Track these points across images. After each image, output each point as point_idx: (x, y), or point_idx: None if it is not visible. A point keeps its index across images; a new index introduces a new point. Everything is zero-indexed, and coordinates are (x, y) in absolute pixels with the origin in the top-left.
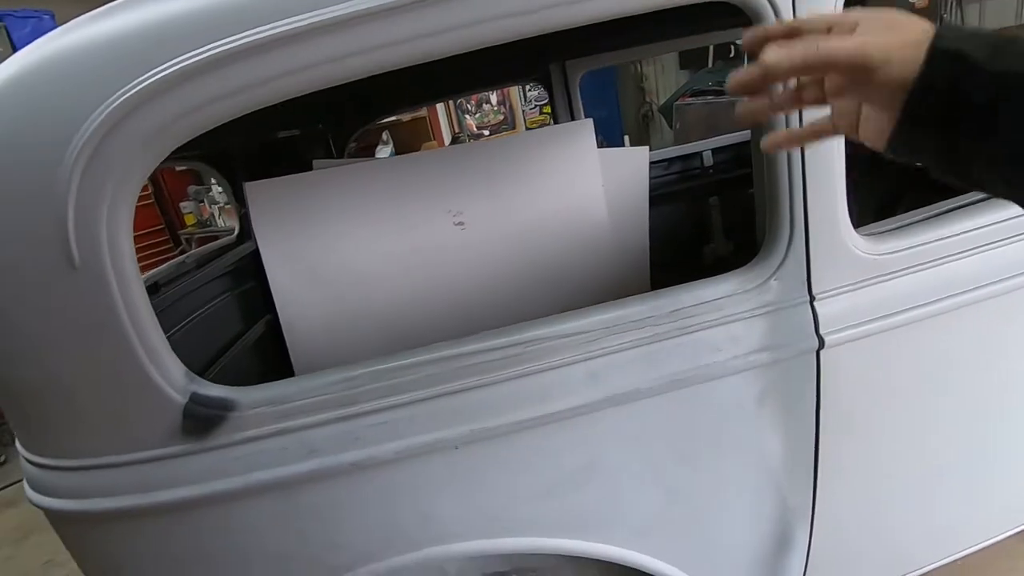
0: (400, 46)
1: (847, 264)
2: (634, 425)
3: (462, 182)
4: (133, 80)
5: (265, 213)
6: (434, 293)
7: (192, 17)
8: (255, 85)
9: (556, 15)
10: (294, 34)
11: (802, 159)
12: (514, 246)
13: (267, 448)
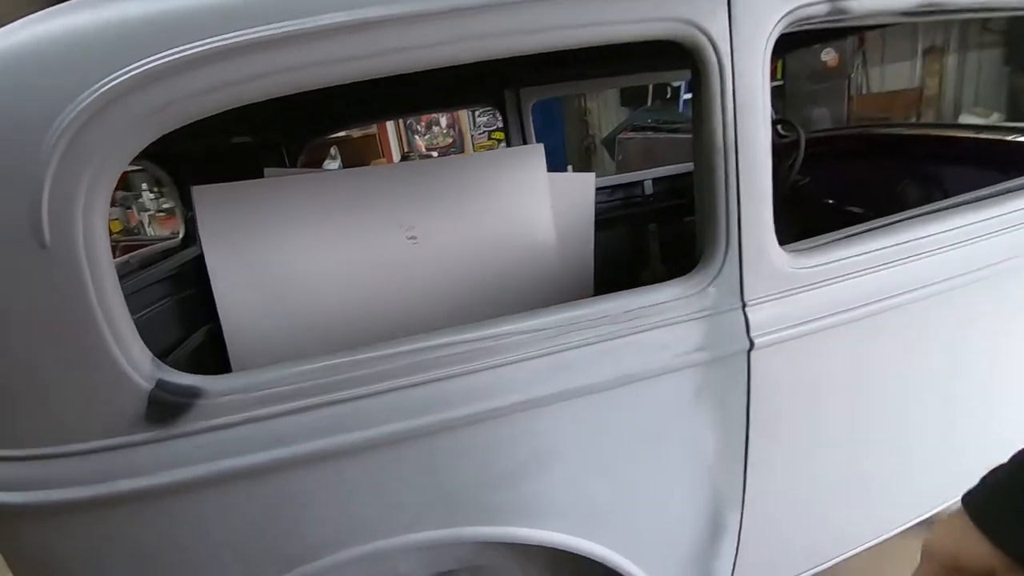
0: (374, 59)
1: (773, 276)
2: (587, 417)
3: (416, 198)
4: (121, 68)
5: (212, 218)
6: (385, 305)
7: (180, 13)
8: (237, 83)
9: (510, 43)
10: (273, 39)
11: (737, 184)
12: (466, 262)
13: (233, 436)
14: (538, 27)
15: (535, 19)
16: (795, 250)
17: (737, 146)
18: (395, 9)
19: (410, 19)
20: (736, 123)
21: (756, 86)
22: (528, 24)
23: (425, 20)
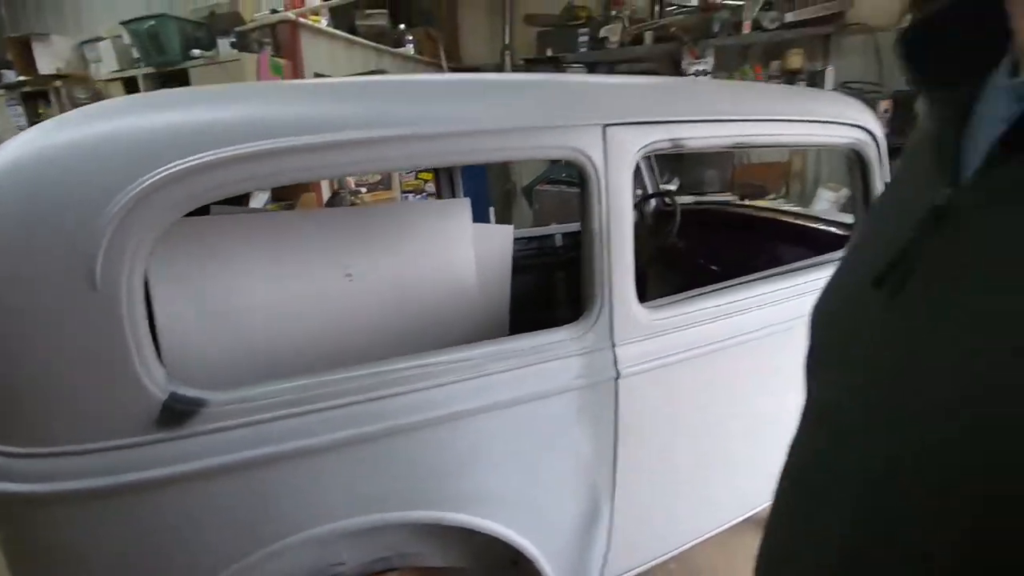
0: (340, 167)
1: (634, 324)
2: (497, 427)
3: (354, 240)
4: (156, 168)
5: (162, 253)
6: (323, 337)
7: (199, 127)
8: (238, 182)
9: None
10: (264, 152)
11: (609, 259)
12: (397, 300)
13: (227, 438)
14: (473, 149)
15: (471, 145)
16: (650, 305)
17: (609, 233)
18: (355, 135)
19: (368, 142)
20: (608, 217)
21: (623, 193)
22: (464, 148)
23: (385, 143)
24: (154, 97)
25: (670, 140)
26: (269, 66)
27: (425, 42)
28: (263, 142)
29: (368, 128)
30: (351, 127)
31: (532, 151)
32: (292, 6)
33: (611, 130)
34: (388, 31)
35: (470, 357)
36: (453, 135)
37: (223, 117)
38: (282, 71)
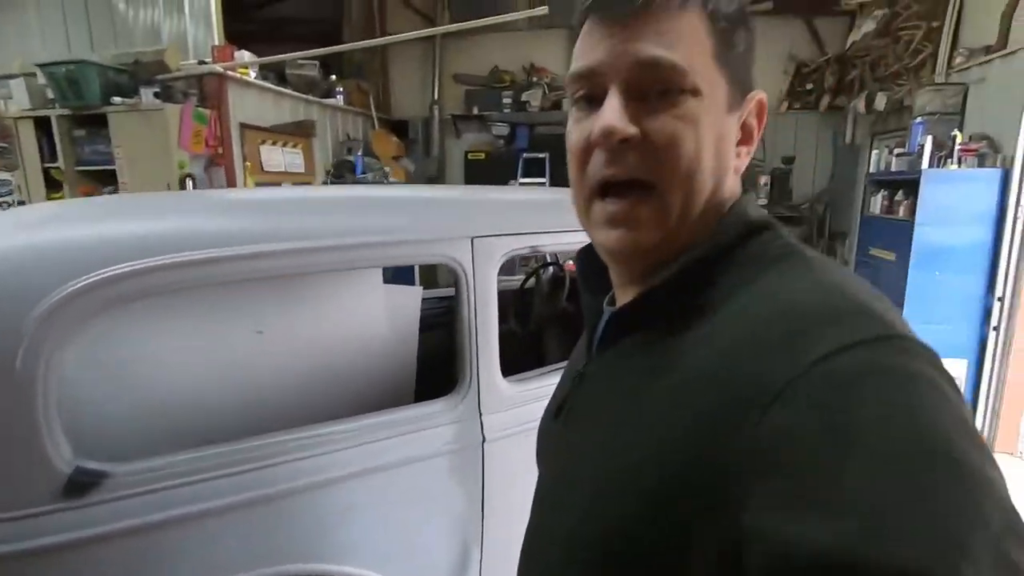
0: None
1: (498, 396)
2: (381, 486)
3: (266, 297)
4: (74, 279)
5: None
6: (231, 393)
7: (111, 242)
8: (143, 291)
9: (337, 265)
10: (164, 265)
11: (476, 345)
12: (306, 358)
13: (129, 505)
14: (361, 258)
15: (360, 254)
16: (512, 379)
17: (477, 325)
18: (251, 249)
19: (263, 255)
20: (476, 310)
21: (489, 290)
22: (353, 257)
23: (279, 256)
24: (71, 209)
25: (529, 247)
26: (193, 116)
27: (356, 93)
28: (165, 257)
29: (265, 242)
30: (247, 241)
31: (412, 258)
32: (221, 59)
33: (478, 241)
34: (319, 82)
35: (354, 428)
36: (342, 247)
37: (131, 232)
38: (206, 120)
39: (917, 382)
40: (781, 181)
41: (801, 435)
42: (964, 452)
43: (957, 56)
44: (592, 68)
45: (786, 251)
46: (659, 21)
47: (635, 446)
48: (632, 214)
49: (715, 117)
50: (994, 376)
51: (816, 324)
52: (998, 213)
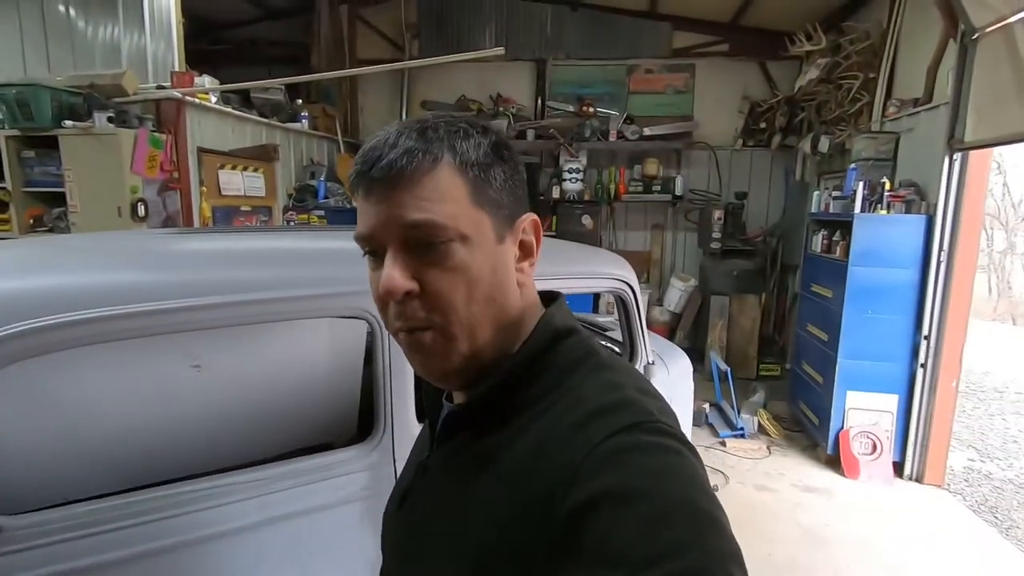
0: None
1: (410, 441)
2: (293, 532)
3: (206, 331)
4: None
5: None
6: (165, 430)
7: (20, 297)
8: (64, 342)
9: (261, 318)
10: (75, 322)
11: (391, 392)
12: (245, 392)
13: (21, 559)
14: (273, 311)
15: (271, 308)
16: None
17: (391, 372)
18: (167, 304)
19: (178, 310)
20: (391, 361)
21: None
22: (265, 311)
23: (194, 310)
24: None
25: None
26: (148, 141)
27: (322, 117)
28: (66, 315)
29: (182, 297)
30: (165, 297)
31: (329, 311)
32: (180, 84)
33: None
34: (284, 105)
35: (264, 476)
36: (258, 302)
37: (35, 287)
38: (162, 145)
39: (663, 452)
40: (735, 215)
41: (589, 507)
42: (699, 503)
43: (890, 106)
44: (368, 234)
45: (585, 354)
46: (416, 185)
47: (465, 531)
48: (421, 342)
49: (486, 252)
50: (922, 411)
51: (596, 418)
52: (923, 256)
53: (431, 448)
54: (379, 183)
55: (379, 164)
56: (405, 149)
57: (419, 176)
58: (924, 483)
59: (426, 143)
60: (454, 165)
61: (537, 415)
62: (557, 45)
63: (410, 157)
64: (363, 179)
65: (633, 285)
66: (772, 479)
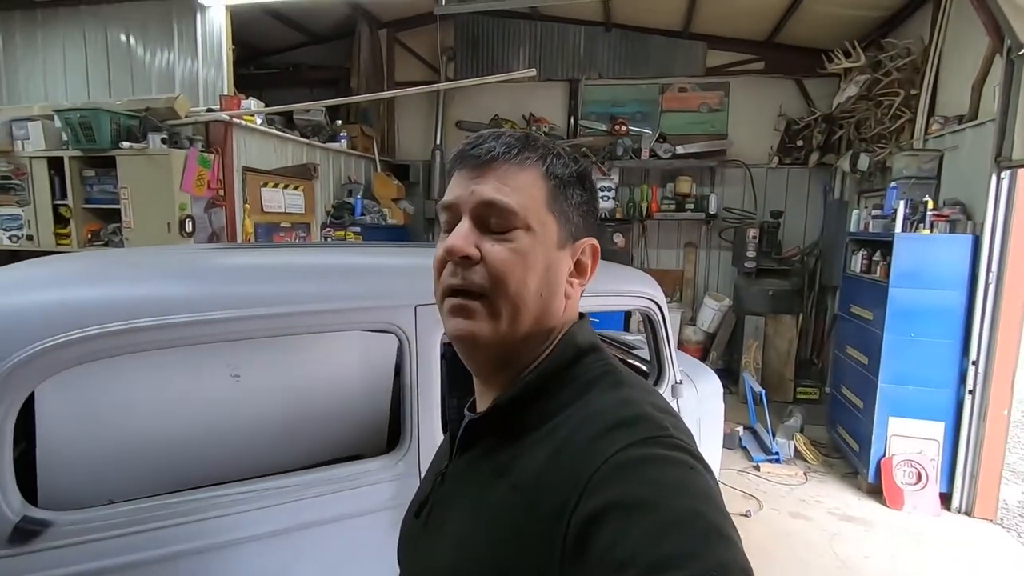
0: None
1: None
2: (326, 541)
3: (245, 341)
4: (33, 343)
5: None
6: (205, 436)
7: (67, 308)
8: (95, 353)
9: (296, 330)
10: (121, 331)
11: (418, 405)
12: (281, 402)
13: (68, 554)
14: (309, 324)
15: (307, 321)
16: None
17: (419, 386)
18: (208, 316)
19: (218, 321)
20: (419, 374)
21: (431, 355)
22: (301, 323)
23: (234, 321)
24: (24, 274)
25: None
26: (197, 160)
27: (360, 137)
28: (115, 324)
29: (222, 308)
30: (203, 308)
31: (359, 324)
32: (228, 107)
33: (422, 308)
34: (324, 126)
35: (295, 483)
36: (292, 314)
37: (87, 298)
38: (210, 165)
39: (674, 465)
40: (770, 234)
41: (598, 516)
42: (707, 515)
43: (933, 123)
44: (452, 202)
45: (604, 371)
46: (503, 174)
47: (480, 539)
48: (468, 307)
49: (544, 251)
50: (971, 440)
51: (611, 431)
52: (970, 277)
53: (450, 458)
54: (474, 162)
55: (480, 147)
56: (507, 144)
57: (509, 167)
58: (974, 516)
59: (525, 146)
60: (541, 171)
61: (554, 428)
62: (590, 65)
63: (508, 150)
64: (463, 157)
65: (660, 303)
66: (808, 506)
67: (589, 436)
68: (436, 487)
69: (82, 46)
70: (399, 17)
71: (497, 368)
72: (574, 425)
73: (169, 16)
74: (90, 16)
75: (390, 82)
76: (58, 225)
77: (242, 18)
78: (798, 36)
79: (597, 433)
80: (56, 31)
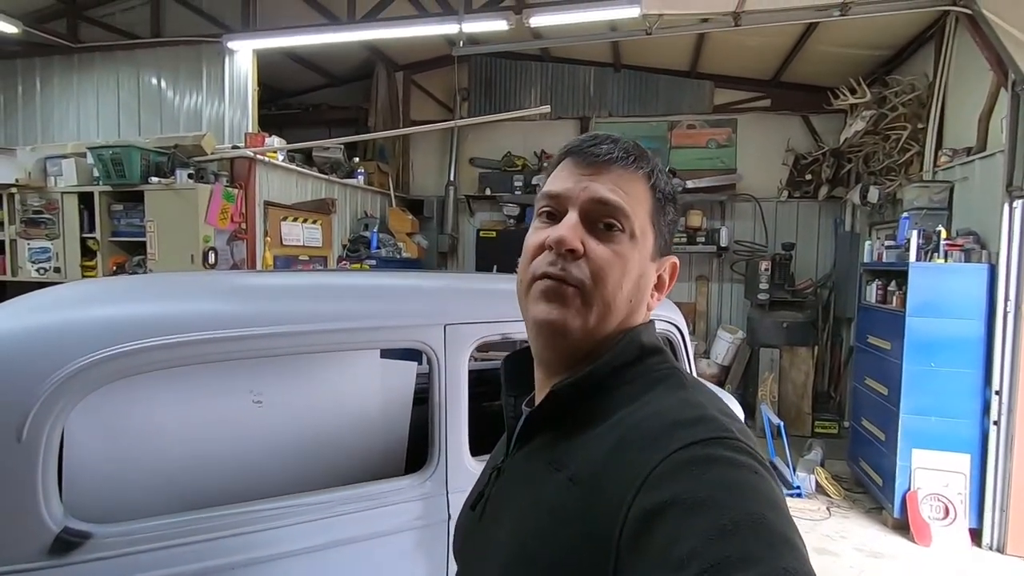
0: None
1: (465, 474)
2: (354, 559)
3: (265, 367)
4: (78, 358)
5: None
6: (227, 460)
7: (116, 323)
8: (138, 367)
9: (326, 347)
10: (160, 345)
11: (446, 423)
12: (301, 426)
13: (107, 566)
14: (342, 341)
15: (341, 338)
16: (480, 459)
17: (447, 404)
18: (248, 331)
19: (257, 337)
20: (447, 393)
21: (460, 375)
22: (334, 340)
23: (275, 337)
24: (75, 292)
25: (500, 334)
26: (222, 195)
27: (376, 173)
28: (162, 337)
29: (249, 327)
30: (248, 324)
31: (389, 343)
32: (252, 144)
33: (450, 328)
34: (342, 163)
35: (323, 501)
36: (323, 332)
37: (134, 314)
38: (234, 199)
39: (739, 468)
40: (782, 266)
41: (659, 511)
42: (772, 521)
43: (942, 156)
44: (561, 193)
45: (668, 373)
46: (616, 175)
47: (535, 531)
48: (562, 292)
49: (641, 259)
50: (999, 472)
51: (674, 429)
52: (988, 306)
53: (507, 453)
54: (591, 159)
55: (599, 145)
56: (624, 150)
57: (624, 172)
58: (1007, 554)
59: (639, 155)
60: (649, 182)
61: (614, 424)
62: (600, 103)
63: (625, 155)
64: (578, 151)
65: (681, 327)
66: (833, 542)
67: (651, 433)
68: (492, 481)
69: (115, 89)
70: (415, 60)
71: (570, 363)
72: (635, 421)
73: (199, 60)
74: (125, 60)
75: (406, 121)
76: (85, 257)
77: (265, 61)
78: (803, 74)
79: (660, 430)
80: (91, 75)
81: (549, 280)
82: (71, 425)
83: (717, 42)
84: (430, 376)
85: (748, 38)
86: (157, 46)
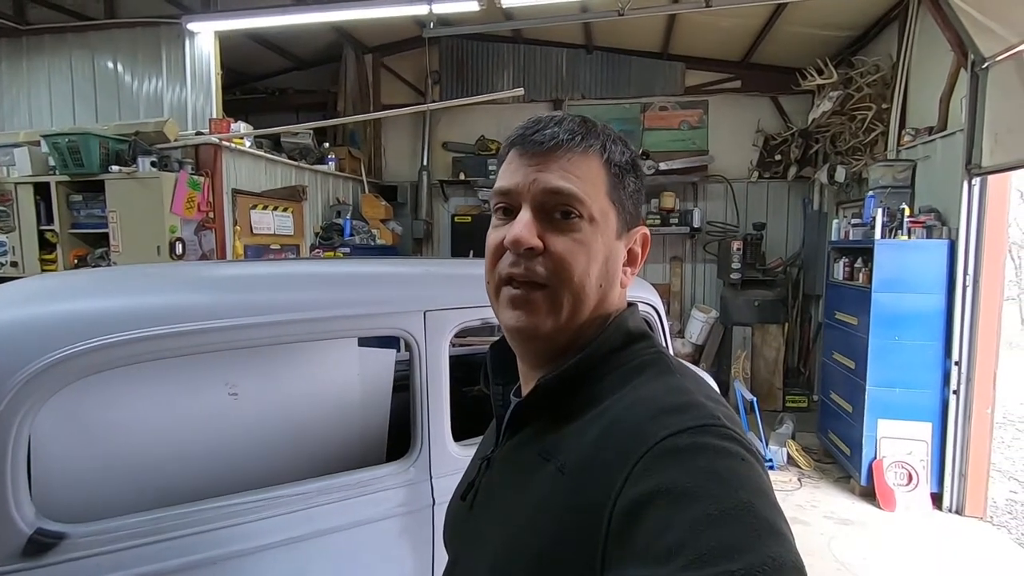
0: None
1: (449, 460)
2: (338, 547)
3: (241, 358)
4: (48, 353)
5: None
6: (204, 453)
7: (86, 317)
8: (109, 362)
9: (307, 336)
10: (139, 339)
11: (428, 409)
12: (279, 418)
13: (86, 565)
14: (322, 330)
15: (321, 327)
16: (463, 444)
17: (428, 392)
18: (220, 323)
19: (233, 328)
20: (428, 379)
21: (440, 360)
22: (314, 329)
23: (248, 328)
24: (39, 286)
25: (480, 319)
26: (187, 183)
27: (347, 159)
28: (133, 332)
29: (242, 315)
30: (223, 315)
31: (369, 330)
32: (217, 130)
33: (431, 314)
34: (312, 149)
35: (306, 491)
36: (306, 320)
37: (102, 308)
38: (200, 187)
39: (726, 456)
40: (754, 246)
41: (646, 501)
42: (759, 509)
43: (905, 135)
44: (511, 188)
45: (655, 358)
46: (566, 160)
47: (525, 521)
48: (529, 298)
49: (605, 241)
50: (958, 440)
51: (661, 416)
52: (948, 281)
53: (496, 443)
54: (536, 147)
55: (542, 132)
56: (569, 129)
57: (573, 154)
58: (965, 515)
59: (587, 132)
60: (602, 158)
61: (601, 412)
62: (572, 86)
63: (571, 136)
64: (522, 141)
65: (658, 308)
66: (804, 511)
67: (637, 420)
68: (483, 471)
69: (68, 73)
70: (385, 42)
71: (552, 356)
72: (622, 409)
73: (158, 43)
74: (77, 43)
75: (376, 105)
76: (43, 251)
77: (228, 44)
78: (772, 56)
79: (646, 417)
80: (42, 58)
81: (514, 288)
82: (40, 424)
83: (688, 23)
84: (411, 363)
85: (719, 19)
86: (112, 27)
